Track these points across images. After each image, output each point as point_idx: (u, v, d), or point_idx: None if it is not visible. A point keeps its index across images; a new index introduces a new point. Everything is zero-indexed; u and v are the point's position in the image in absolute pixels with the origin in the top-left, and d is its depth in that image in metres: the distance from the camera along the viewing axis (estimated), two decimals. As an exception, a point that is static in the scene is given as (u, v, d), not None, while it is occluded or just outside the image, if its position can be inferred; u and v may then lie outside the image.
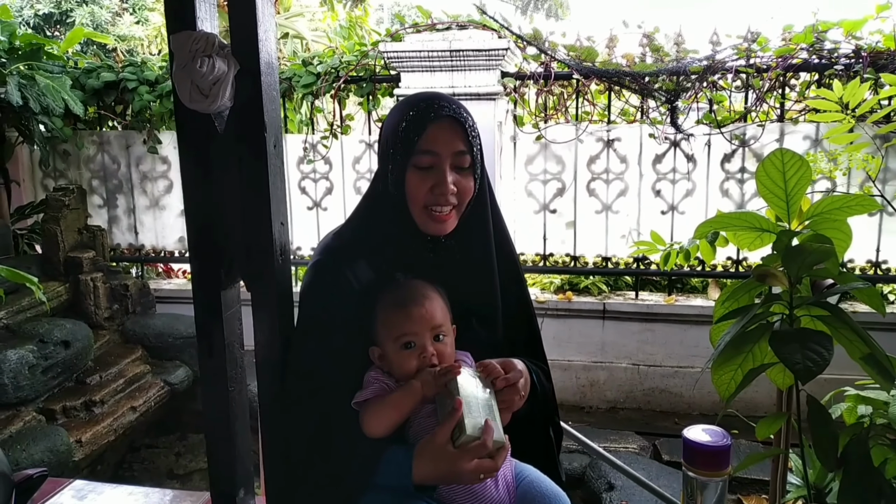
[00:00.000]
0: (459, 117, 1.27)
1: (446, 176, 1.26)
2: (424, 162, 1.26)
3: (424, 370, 1.22)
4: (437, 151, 1.26)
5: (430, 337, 1.24)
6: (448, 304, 1.29)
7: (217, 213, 1.38)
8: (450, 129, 1.27)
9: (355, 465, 1.20)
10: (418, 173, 1.27)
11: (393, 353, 1.25)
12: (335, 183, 4.47)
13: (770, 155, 1.40)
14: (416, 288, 1.27)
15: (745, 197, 3.96)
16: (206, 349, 1.45)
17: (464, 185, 1.29)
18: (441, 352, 1.25)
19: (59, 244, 4.10)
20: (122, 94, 4.59)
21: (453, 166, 1.27)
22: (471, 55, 3.80)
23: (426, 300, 1.25)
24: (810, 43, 3.66)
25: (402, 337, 1.24)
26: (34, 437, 3.13)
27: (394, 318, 1.25)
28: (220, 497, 1.51)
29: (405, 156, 1.27)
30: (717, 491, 1.13)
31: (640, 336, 4.11)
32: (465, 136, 1.27)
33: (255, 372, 1.41)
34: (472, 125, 1.30)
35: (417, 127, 1.25)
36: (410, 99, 1.31)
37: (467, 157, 1.28)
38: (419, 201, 1.28)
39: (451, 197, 1.27)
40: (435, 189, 1.26)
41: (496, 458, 1.15)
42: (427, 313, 1.24)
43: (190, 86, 1.24)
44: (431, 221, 1.29)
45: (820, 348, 1.26)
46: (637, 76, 3.80)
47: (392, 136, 1.29)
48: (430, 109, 1.26)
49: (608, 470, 2.92)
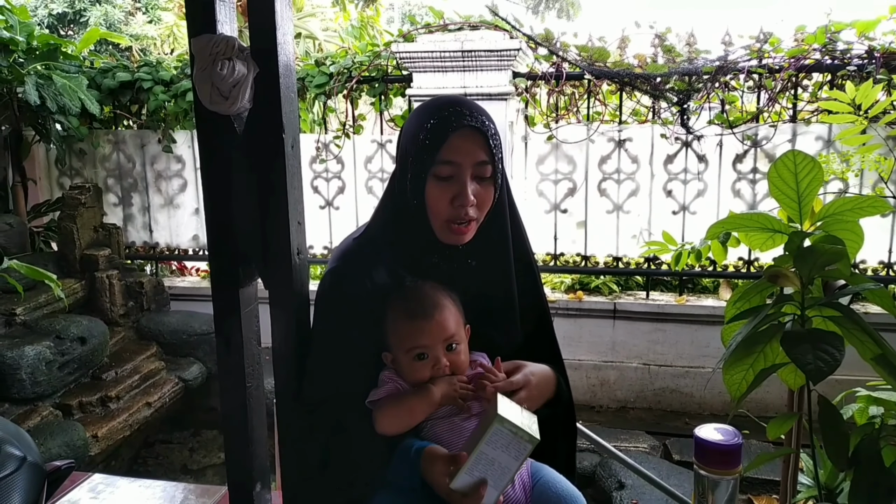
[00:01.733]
0: (482, 126, 1.23)
1: (467, 187, 1.22)
2: (445, 172, 1.23)
3: (443, 378, 1.22)
4: (458, 162, 1.22)
5: (443, 348, 1.22)
6: (461, 308, 1.27)
7: (236, 212, 1.40)
8: (472, 139, 1.23)
9: (369, 467, 1.21)
10: (438, 184, 1.23)
11: (405, 364, 1.23)
12: (347, 182, 4.50)
13: (782, 156, 1.40)
14: (427, 296, 1.24)
15: (757, 197, 3.95)
16: (223, 346, 1.47)
17: (484, 196, 1.25)
18: (454, 361, 1.23)
19: (76, 242, 4.15)
20: (137, 93, 4.64)
21: (474, 176, 1.24)
22: (482, 55, 3.81)
23: (436, 310, 1.22)
24: (823, 44, 3.65)
25: (414, 350, 1.22)
26: (51, 431, 3.17)
27: (404, 329, 1.23)
28: (236, 491, 1.53)
29: (425, 165, 1.23)
30: (728, 489, 1.14)
31: (650, 336, 4.11)
32: (487, 145, 1.23)
33: (272, 369, 1.43)
34: (495, 133, 1.26)
35: (439, 136, 1.22)
36: (430, 105, 1.28)
37: (489, 167, 1.24)
38: (441, 215, 1.24)
39: (471, 210, 1.23)
40: (455, 201, 1.22)
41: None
42: (438, 325, 1.22)
43: (210, 88, 1.26)
44: (451, 234, 1.26)
45: (831, 349, 1.27)
46: (648, 77, 3.81)
47: (411, 144, 1.26)
48: (452, 118, 1.22)
49: (619, 469, 2.94)
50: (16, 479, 0.89)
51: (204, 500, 1.67)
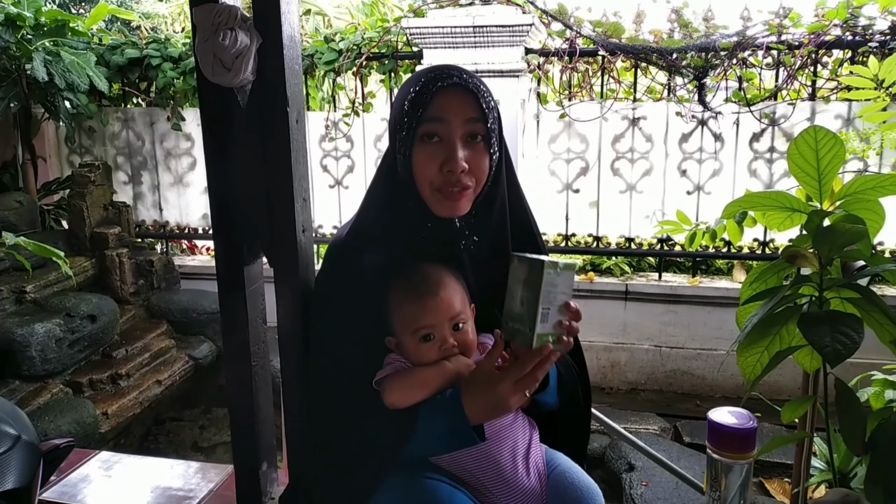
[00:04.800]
0: (469, 84, 1.17)
1: (456, 149, 1.15)
2: (432, 130, 1.16)
3: (459, 357, 1.18)
4: (445, 118, 1.15)
5: (449, 327, 1.18)
6: (465, 287, 1.23)
7: (239, 188, 1.38)
8: (460, 96, 1.16)
9: (386, 438, 1.16)
10: (427, 148, 1.17)
11: (412, 347, 1.19)
12: (356, 161, 4.46)
13: (803, 132, 1.36)
14: (429, 276, 1.20)
15: (774, 177, 3.88)
16: (229, 324, 1.46)
17: (477, 162, 1.18)
18: (462, 341, 1.19)
19: (86, 220, 4.15)
20: (145, 70, 4.61)
21: (465, 138, 1.17)
22: (494, 31, 3.75)
23: (441, 288, 1.18)
24: (844, 19, 3.55)
25: (420, 330, 1.17)
26: (61, 409, 3.20)
27: (409, 310, 1.18)
28: (243, 470, 1.53)
29: (412, 129, 1.17)
30: (741, 474, 1.11)
31: (662, 318, 4.08)
32: (478, 103, 1.17)
33: (278, 347, 1.41)
34: (487, 95, 1.19)
35: (425, 94, 1.15)
36: (418, 72, 1.22)
37: (479, 125, 1.17)
38: (429, 181, 1.18)
39: (462, 176, 1.16)
40: (444, 166, 1.16)
41: (537, 370, 1.09)
42: (443, 303, 1.17)
43: (212, 59, 1.23)
44: (443, 201, 1.19)
45: (850, 331, 1.24)
46: (665, 52, 3.73)
47: (398, 112, 1.20)
48: (438, 77, 1.16)
49: (628, 451, 2.92)
50: (10, 458, 0.88)
51: (210, 478, 1.67)
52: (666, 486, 2.65)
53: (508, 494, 1.19)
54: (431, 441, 1.15)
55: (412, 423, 1.14)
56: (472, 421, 1.11)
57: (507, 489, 1.19)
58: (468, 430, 1.11)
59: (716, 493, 1.14)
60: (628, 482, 2.74)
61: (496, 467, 1.19)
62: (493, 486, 1.19)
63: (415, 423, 1.14)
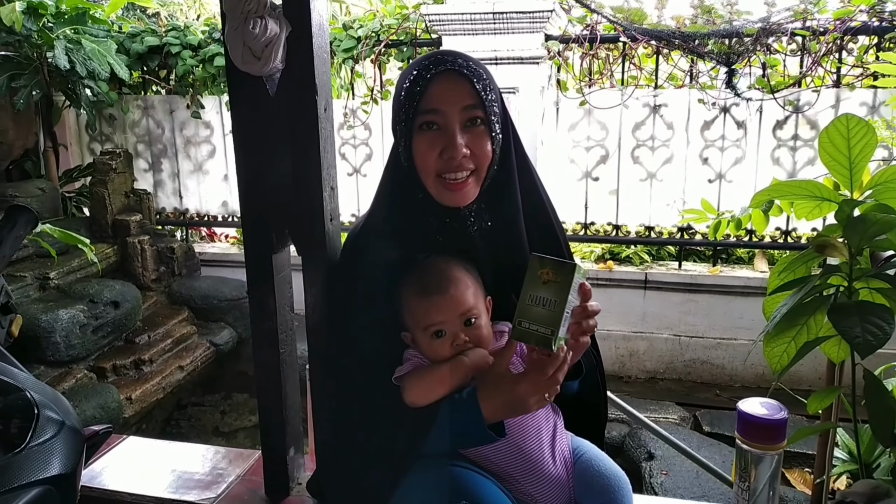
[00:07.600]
0: (464, 70, 1.15)
1: (455, 136, 1.14)
2: (429, 119, 1.15)
3: (475, 350, 1.17)
4: (441, 108, 1.15)
5: (461, 323, 1.16)
6: (478, 279, 1.22)
7: (268, 176, 1.38)
8: (454, 84, 1.15)
9: (405, 435, 1.17)
10: (425, 137, 1.16)
11: (424, 343, 1.19)
12: (375, 149, 4.47)
13: (834, 121, 1.34)
14: (440, 271, 1.18)
15: (797, 166, 3.84)
16: (257, 312, 1.47)
17: (479, 145, 1.17)
18: (474, 337, 1.17)
19: (107, 207, 4.20)
20: (165, 58, 4.63)
21: (464, 125, 1.16)
22: (514, 17, 3.72)
23: (451, 284, 1.16)
24: (871, 5, 3.49)
25: (431, 327, 1.16)
26: (86, 394, 3.25)
27: (419, 307, 1.17)
28: (270, 455, 1.55)
29: (409, 119, 1.17)
30: (771, 465, 1.11)
31: (682, 307, 4.06)
32: (473, 90, 1.15)
33: (305, 334, 1.42)
34: (483, 79, 1.17)
35: (419, 86, 1.15)
36: (413, 62, 1.21)
37: (477, 111, 1.16)
38: (430, 170, 1.17)
39: (464, 161, 1.16)
40: (444, 153, 1.15)
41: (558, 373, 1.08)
42: (453, 300, 1.16)
43: (242, 48, 1.23)
44: (446, 191, 1.18)
45: (881, 322, 1.23)
46: (687, 38, 3.69)
47: (396, 104, 1.20)
48: (431, 66, 1.15)
49: (648, 439, 2.92)
50: (55, 444, 0.89)
51: (238, 463, 1.69)
52: (686, 475, 2.65)
53: (535, 482, 1.19)
54: (451, 439, 1.16)
55: (430, 423, 1.15)
56: (490, 419, 1.12)
57: (534, 477, 1.19)
58: (485, 430, 1.12)
59: (745, 483, 1.13)
60: (648, 471, 2.75)
61: (522, 455, 1.19)
62: (520, 475, 1.19)
63: (433, 422, 1.15)
